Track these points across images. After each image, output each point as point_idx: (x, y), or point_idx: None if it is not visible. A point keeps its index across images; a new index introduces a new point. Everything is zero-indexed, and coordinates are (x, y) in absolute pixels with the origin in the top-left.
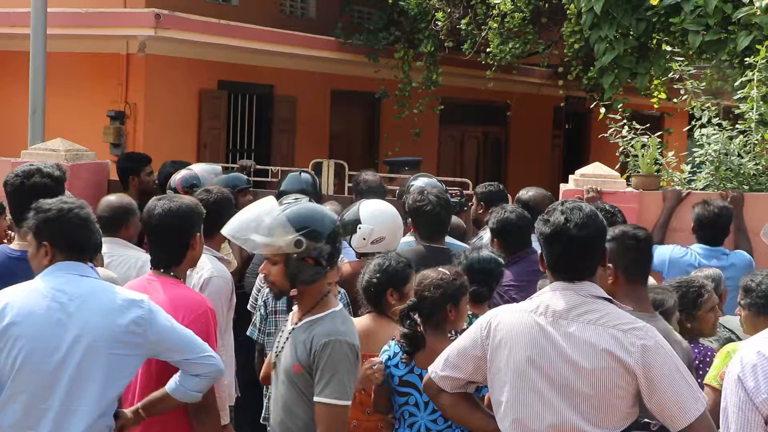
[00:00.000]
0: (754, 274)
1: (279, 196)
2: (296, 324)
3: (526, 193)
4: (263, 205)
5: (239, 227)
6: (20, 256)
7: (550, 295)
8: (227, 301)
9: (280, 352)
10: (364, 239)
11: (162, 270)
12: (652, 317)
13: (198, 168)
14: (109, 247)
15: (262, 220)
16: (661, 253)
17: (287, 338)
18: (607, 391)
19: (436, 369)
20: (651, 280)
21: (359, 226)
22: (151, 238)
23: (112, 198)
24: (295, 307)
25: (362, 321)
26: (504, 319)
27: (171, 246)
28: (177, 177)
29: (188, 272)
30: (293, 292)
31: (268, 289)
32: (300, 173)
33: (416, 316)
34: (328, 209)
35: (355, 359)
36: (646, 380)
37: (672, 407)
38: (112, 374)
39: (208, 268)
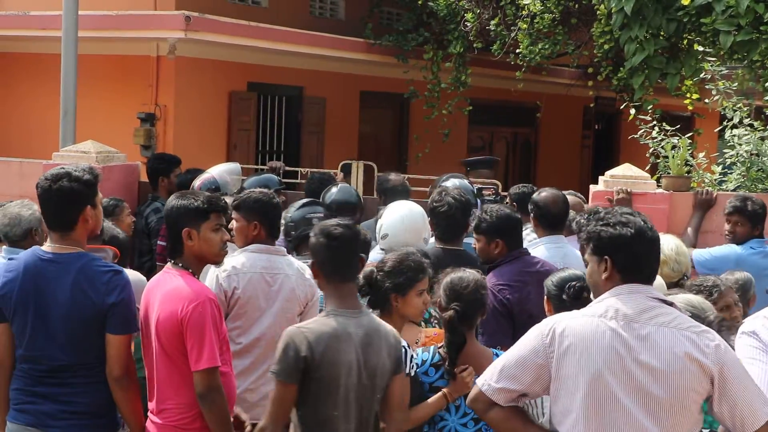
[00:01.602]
0: None
1: (331, 205)
2: None
3: (539, 194)
4: None
5: None
6: (51, 258)
7: (617, 300)
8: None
9: None
10: (377, 235)
11: (172, 261)
12: (354, 314)
13: (216, 171)
14: None
15: None
16: (723, 256)
17: None
18: (683, 395)
19: (489, 381)
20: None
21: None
22: (168, 233)
23: None
24: None
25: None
26: (570, 324)
27: (170, 239)
28: (197, 183)
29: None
30: None
31: None
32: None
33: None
34: None
35: None
36: (721, 381)
37: (744, 409)
38: None
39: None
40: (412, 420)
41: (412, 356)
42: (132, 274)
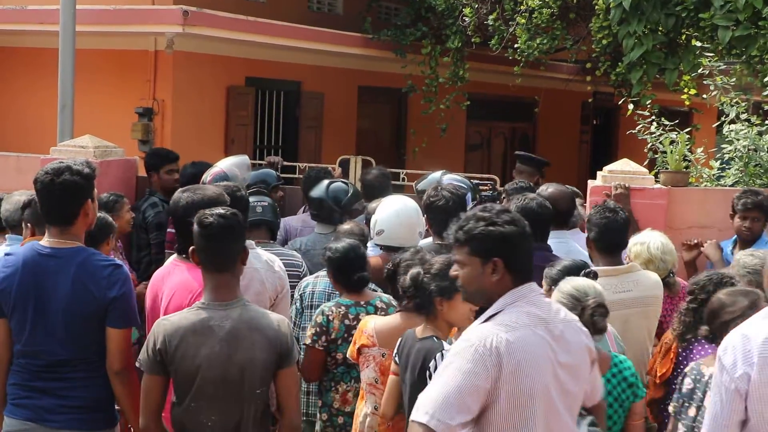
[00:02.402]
0: None
1: (311, 200)
2: None
3: (546, 189)
4: None
5: None
6: (50, 252)
7: (527, 303)
8: None
9: None
10: (372, 230)
11: (184, 256)
12: (223, 306)
13: (225, 164)
14: None
15: None
16: None
17: None
18: (583, 385)
19: (442, 419)
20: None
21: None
22: (175, 227)
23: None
24: None
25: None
26: (510, 340)
27: (189, 234)
28: (207, 177)
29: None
30: None
31: (305, 283)
32: (329, 184)
33: None
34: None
35: None
36: (594, 362)
37: (597, 382)
38: None
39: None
40: None
41: None
42: None
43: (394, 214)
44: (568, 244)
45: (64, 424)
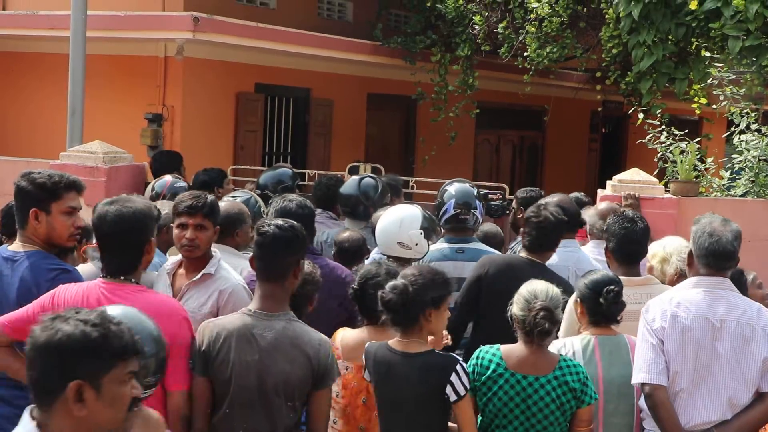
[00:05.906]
0: None
1: (342, 197)
2: None
3: (551, 199)
4: None
5: None
6: (10, 256)
7: None
8: None
9: None
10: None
11: (122, 277)
12: (268, 316)
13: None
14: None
15: None
16: None
17: None
18: None
19: None
20: None
21: None
22: (105, 245)
23: (225, 204)
24: None
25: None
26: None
27: (128, 252)
28: (167, 187)
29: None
30: None
31: None
32: (360, 180)
33: None
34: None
35: None
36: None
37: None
38: None
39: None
40: None
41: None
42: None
43: (380, 224)
44: (577, 253)
45: None
